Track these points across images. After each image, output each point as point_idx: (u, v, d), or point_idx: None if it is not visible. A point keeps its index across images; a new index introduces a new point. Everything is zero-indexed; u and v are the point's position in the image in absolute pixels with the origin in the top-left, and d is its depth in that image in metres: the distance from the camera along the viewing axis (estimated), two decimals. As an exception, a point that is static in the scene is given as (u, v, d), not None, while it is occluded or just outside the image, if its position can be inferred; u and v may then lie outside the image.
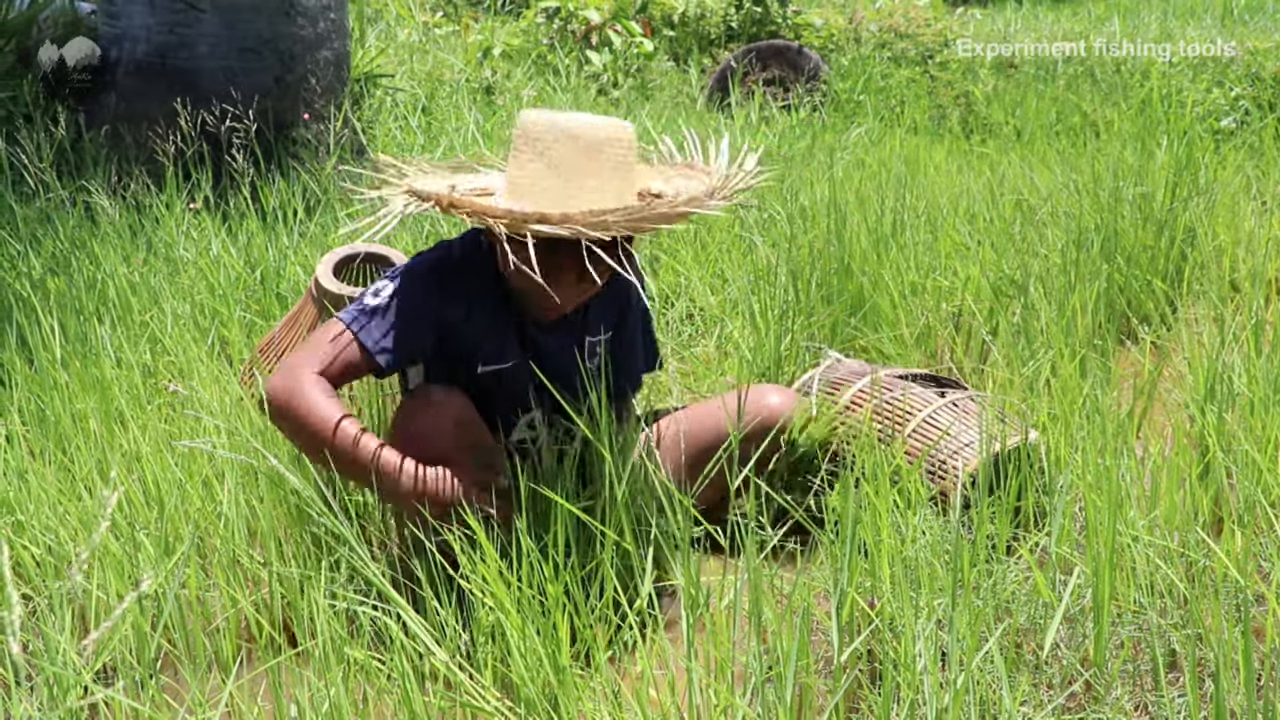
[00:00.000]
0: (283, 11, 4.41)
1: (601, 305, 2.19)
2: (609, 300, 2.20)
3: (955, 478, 2.19)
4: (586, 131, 1.93)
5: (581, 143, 1.92)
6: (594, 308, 2.18)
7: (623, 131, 1.96)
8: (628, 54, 6.98)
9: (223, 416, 2.27)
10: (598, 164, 1.93)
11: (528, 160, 1.95)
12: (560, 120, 1.95)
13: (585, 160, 1.92)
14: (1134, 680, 1.71)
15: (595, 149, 1.93)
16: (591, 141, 1.92)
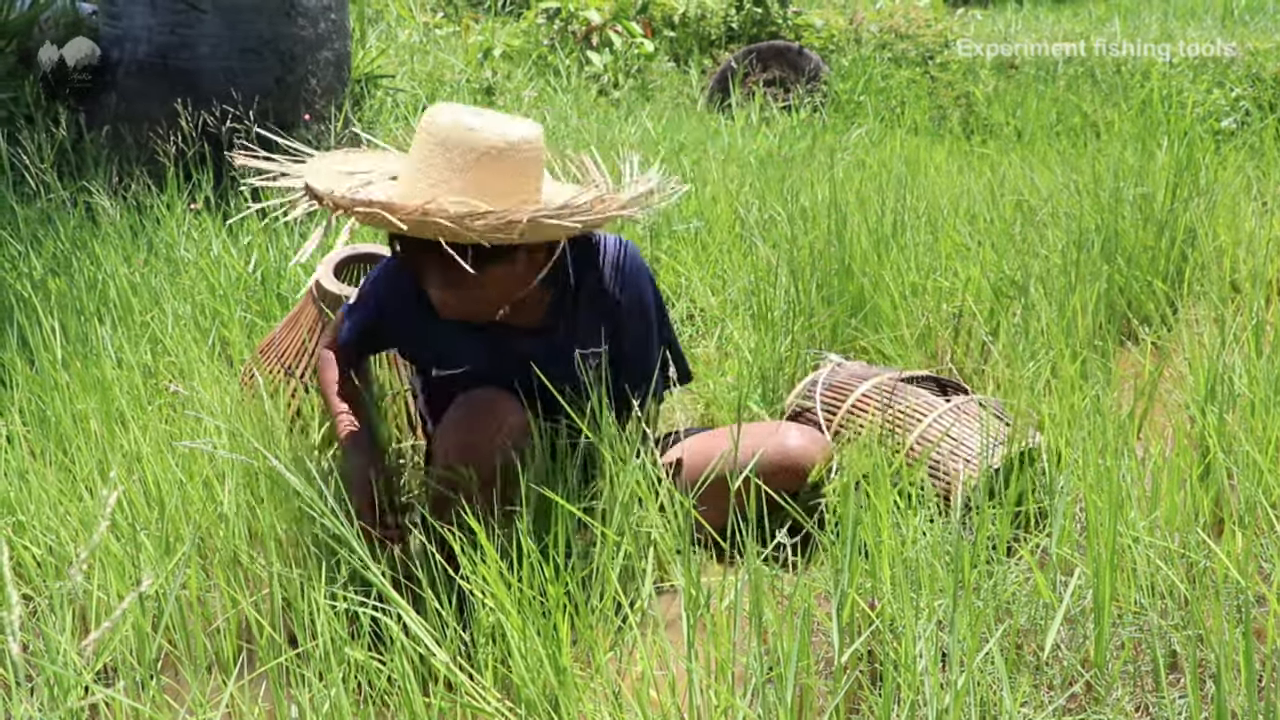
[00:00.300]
0: (283, 12, 4.41)
1: (594, 316, 2.14)
2: (603, 312, 2.15)
3: (957, 480, 2.19)
4: (483, 139, 1.87)
5: (475, 146, 1.87)
6: (584, 318, 2.13)
7: (515, 143, 1.89)
8: (628, 55, 6.98)
9: (223, 417, 2.27)
10: (486, 168, 1.88)
11: (417, 155, 1.93)
12: (465, 119, 1.90)
13: (473, 165, 1.88)
14: (1135, 681, 1.71)
15: (485, 157, 1.88)
16: (486, 146, 1.87)
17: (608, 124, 5.44)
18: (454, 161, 1.87)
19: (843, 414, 2.39)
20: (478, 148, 1.87)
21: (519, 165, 1.90)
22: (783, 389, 2.70)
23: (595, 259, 2.13)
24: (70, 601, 1.93)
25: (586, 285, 2.13)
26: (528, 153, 1.91)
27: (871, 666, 1.77)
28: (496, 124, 1.90)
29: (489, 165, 1.87)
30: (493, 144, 1.87)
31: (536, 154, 1.93)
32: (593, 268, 2.12)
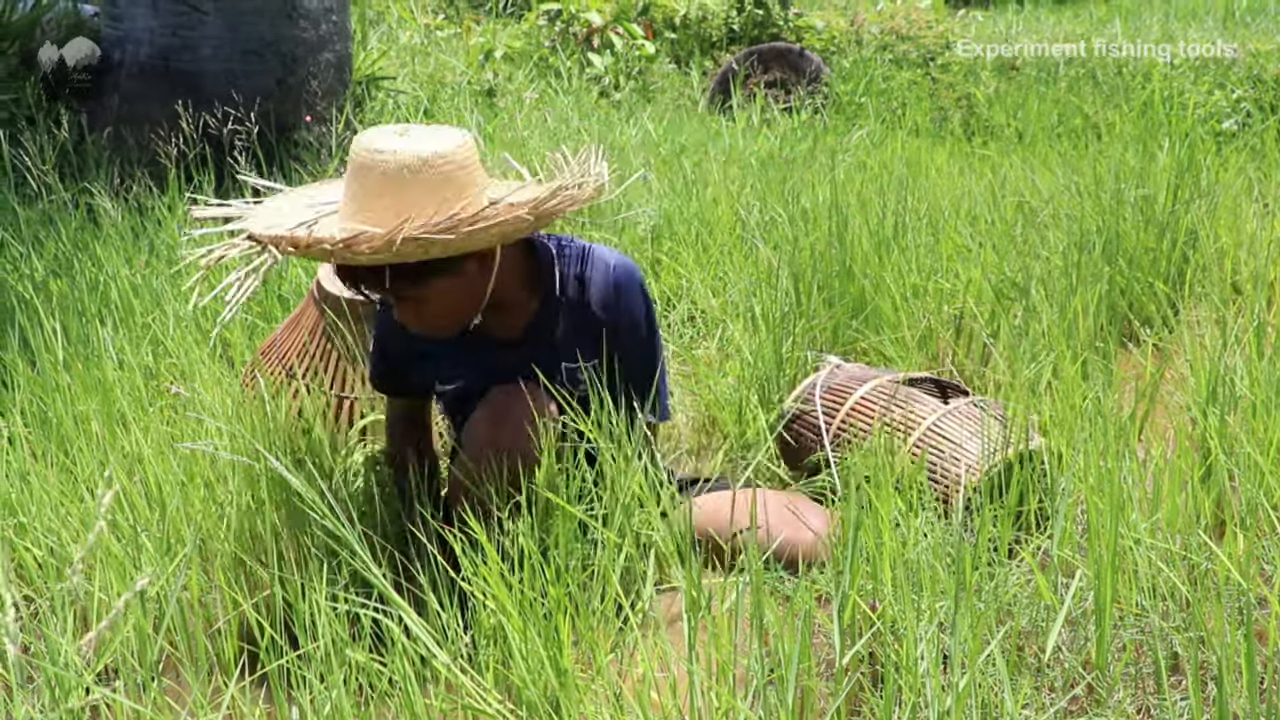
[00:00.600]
0: (285, 14, 4.41)
1: (577, 332, 2.11)
2: (588, 328, 2.11)
3: (957, 483, 2.19)
4: (396, 158, 1.87)
5: (390, 166, 1.87)
6: (566, 333, 2.11)
7: (429, 159, 1.88)
8: (629, 56, 6.98)
9: (224, 419, 2.27)
10: (400, 189, 1.87)
11: (346, 183, 1.95)
12: (378, 142, 1.90)
13: (390, 185, 1.87)
14: (1136, 683, 1.71)
15: (404, 170, 1.87)
16: (400, 164, 1.87)
17: (609, 126, 5.44)
18: (369, 186, 1.88)
19: (841, 417, 2.39)
20: (388, 170, 1.87)
21: (434, 181, 1.88)
22: (783, 390, 2.70)
23: (586, 274, 2.11)
24: (71, 603, 1.93)
25: (570, 299, 2.11)
26: (443, 167, 1.89)
27: (873, 668, 1.77)
28: (411, 143, 1.89)
29: (402, 185, 1.87)
30: (405, 164, 1.87)
31: (456, 165, 1.91)
32: (582, 283, 2.11)
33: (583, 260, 2.12)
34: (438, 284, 1.93)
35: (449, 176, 1.90)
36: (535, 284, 2.11)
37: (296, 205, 2.06)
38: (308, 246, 1.80)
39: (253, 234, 1.87)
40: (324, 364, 2.54)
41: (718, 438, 2.75)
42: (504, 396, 2.04)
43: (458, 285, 1.96)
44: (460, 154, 1.92)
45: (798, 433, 2.48)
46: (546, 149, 4.48)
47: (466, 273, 1.96)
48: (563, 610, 1.65)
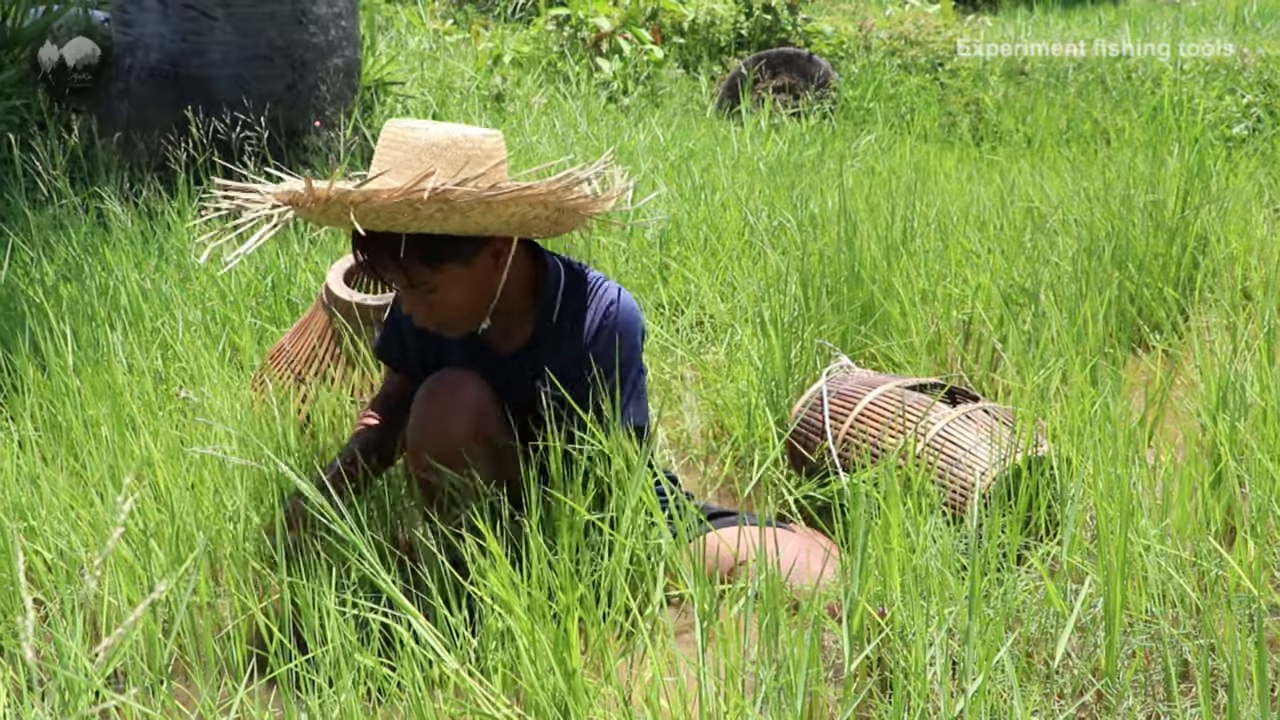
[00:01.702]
0: (295, 19, 4.43)
1: (564, 353, 2.08)
2: (574, 351, 2.08)
3: (966, 489, 2.18)
4: (427, 135, 1.90)
5: (419, 142, 1.90)
6: (552, 352, 2.08)
7: (458, 139, 1.90)
8: (638, 61, 6.99)
9: (234, 423, 2.27)
10: (426, 162, 1.89)
11: (374, 161, 1.96)
12: (409, 123, 1.93)
13: (418, 156, 1.90)
14: (1146, 691, 1.70)
15: (433, 147, 1.90)
16: (430, 141, 1.90)
17: (617, 131, 5.44)
18: (396, 159, 1.90)
19: (850, 422, 2.39)
20: (417, 144, 1.89)
21: (459, 160, 1.90)
22: (792, 395, 2.70)
23: (587, 308, 2.08)
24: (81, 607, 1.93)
25: (563, 328, 2.08)
26: (470, 150, 1.91)
27: (882, 674, 1.77)
28: (442, 126, 1.92)
29: (430, 161, 1.88)
30: (433, 140, 1.89)
31: (483, 152, 1.92)
32: (580, 316, 2.08)
33: (589, 294, 2.09)
34: (450, 270, 1.93)
35: (474, 159, 1.91)
36: (536, 303, 2.10)
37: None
38: (327, 200, 1.78)
39: (273, 191, 1.86)
40: (333, 368, 2.54)
41: (726, 443, 2.75)
42: (442, 384, 2.04)
43: (468, 278, 1.96)
44: (488, 143, 1.94)
45: (806, 437, 2.48)
46: (555, 154, 4.49)
47: (478, 266, 1.96)
48: (571, 614, 1.65)
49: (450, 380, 2.05)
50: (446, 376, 2.05)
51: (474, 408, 2.02)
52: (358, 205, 1.77)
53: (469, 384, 2.04)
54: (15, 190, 3.95)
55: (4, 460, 2.23)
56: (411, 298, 1.99)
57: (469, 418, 2.01)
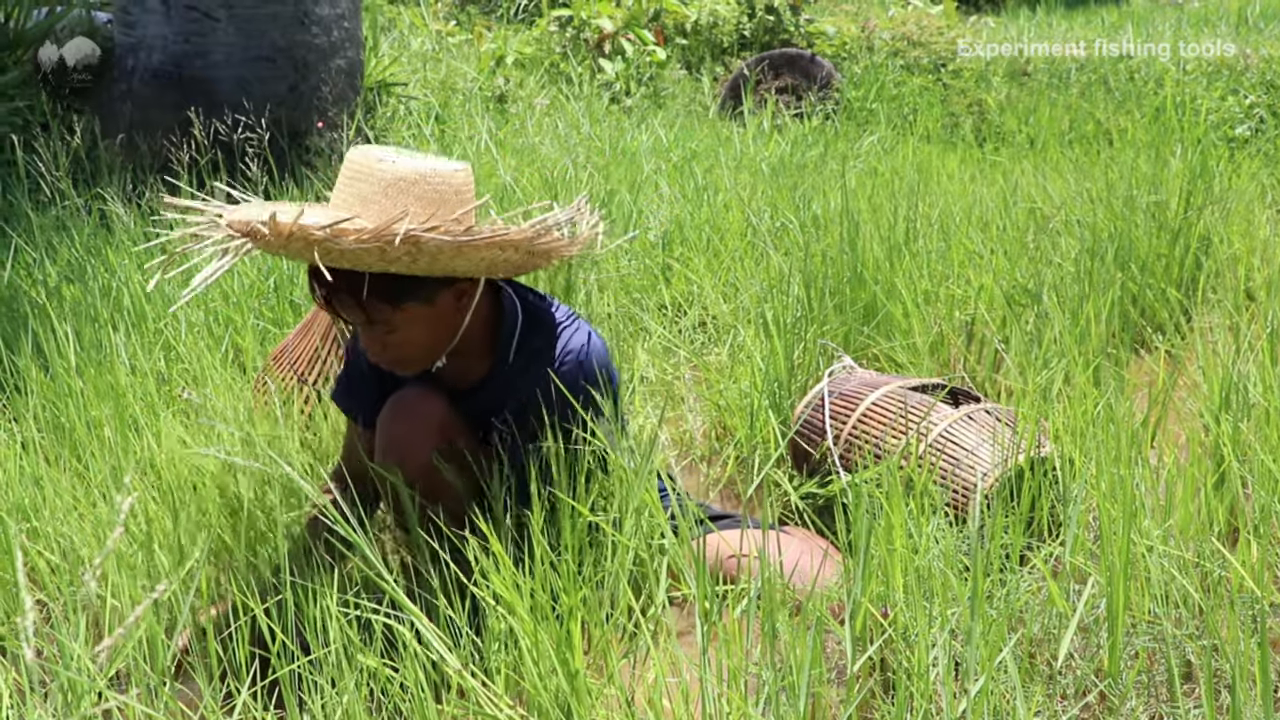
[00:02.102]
0: (297, 21, 4.43)
1: (507, 386, 2.04)
2: (519, 383, 2.03)
3: (969, 490, 2.18)
4: (394, 169, 1.83)
5: (386, 176, 1.83)
6: (495, 385, 2.05)
7: (426, 174, 1.84)
8: (640, 62, 6.99)
9: (237, 424, 2.27)
10: (392, 198, 1.82)
11: (336, 191, 1.89)
12: (375, 154, 1.86)
13: (384, 191, 1.83)
14: (1149, 691, 1.70)
15: (400, 181, 1.83)
16: (397, 175, 1.83)
17: (620, 132, 5.45)
18: (361, 192, 1.83)
19: (853, 423, 2.39)
20: (384, 179, 1.82)
21: (428, 197, 1.83)
22: (794, 396, 2.70)
23: (547, 338, 2.02)
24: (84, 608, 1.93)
25: (517, 367, 2.03)
26: (438, 185, 1.84)
27: (884, 675, 1.77)
28: (409, 158, 1.85)
29: (395, 196, 1.82)
30: (401, 174, 1.82)
31: (451, 188, 1.86)
32: (538, 356, 2.02)
33: (552, 335, 2.03)
34: (411, 309, 1.88)
35: (443, 197, 1.85)
36: (494, 342, 2.05)
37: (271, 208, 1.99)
38: (290, 234, 1.71)
39: (231, 220, 1.80)
40: (336, 369, 2.55)
41: (728, 443, 2.75)
42: (405, 400, 2.01)
43: (429, 317, 1.92)
44: (458, 178, 1.88)
45: (809, 438, 2.48)
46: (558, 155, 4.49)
47: (440, 305, 1.92)
48: (574, 615, 1.65)
49: (413, 395, 2.02)
50: (409, 393, 2.03)
51: (439, 420, 2.00)
52: (321, 243, 1.71)
53: (432, 398, 2.01)
54: (18, 191, 3.95)
55: (7, 461, 2.23)
56: (369, 334, 1.94)
57: (435, 429, 1.99)
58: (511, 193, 3.95)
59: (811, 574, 1.97)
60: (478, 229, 1.82)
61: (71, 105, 4.54)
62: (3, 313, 3.01)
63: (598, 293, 3.24)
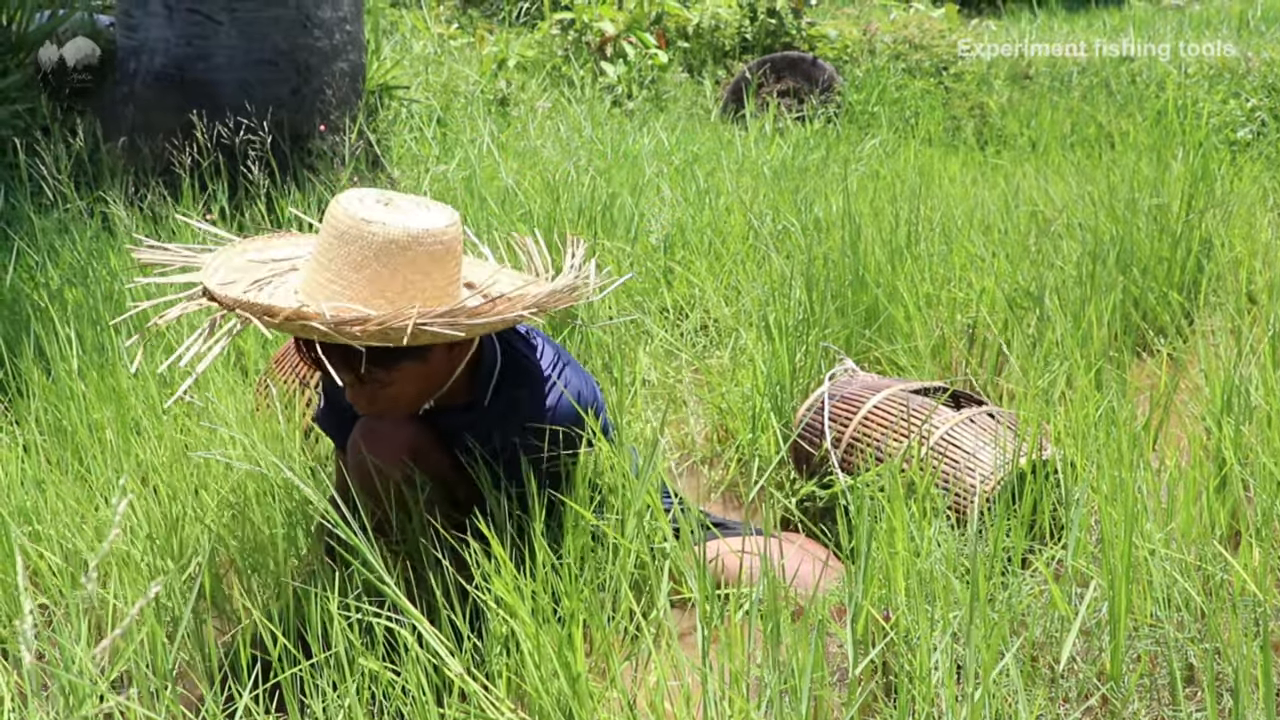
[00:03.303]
0: (299, 24, 4.43)
1: (482, 423, 2.02)
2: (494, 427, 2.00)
3: (970, 493, 2.18)
4: (385, 231, 1.79)
5: (376, 240, 1.78)
6: (475, 415, 2.02)
7: (418, 236, 1.81)
8: (642, 65, 6.99)
9: (238, 428, 2.27)
10: (384, 264, 1.79)
11: (319, 248, 1.84)
12: (364, 211, 1.81)
13: (376, 256, 1.79)
14: (1152, 695, 1.70)
15: (392, 245, 1.79)
16: (388, 239, 1.78)
17: (622, 135, 5.45)
18: (352, 257, 1.79)
19: (855, 426, 2.39)
20: (375, 243, 1.78)
21: (422, 260, 1.81)
22: (796, 399, 2.70)
23: (522, 400, 1.99)
24: (86, 610, 1.93)
25: (493, 414, 2.00)
26: (431, 246, 1.81)
27: (886, 679, 1.77)
28: (399, 216, 1.81)
29: (388, 261, 1.79)
30: (393, 238, 1.78)
31: (444, 245, 1.84)
32: (518, 397, 1.99)
33: (528, 387, 2.00)
34: (406, 369, 1.87)
35: (435, 257, 1.82)
36: (473, 381, 2.03)
37: (246, 260, 1.95)
38: (288, 319, 1.68)
39: (218, 295, 1.76)
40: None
41: (730, 446, 2.75)
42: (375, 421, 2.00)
43: (422, 371, 1.91)
44: (449, 233, 1.85)
45: (810, 440, 2.48)
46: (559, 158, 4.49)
47: (433, 360, 1.91)
48: (576, 618, 1.65)
49: (383, 419, 2.01)
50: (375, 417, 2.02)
51: (407, 442, 1.99)
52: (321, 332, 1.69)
53: (401, 422, 2.00)
54: (20, 194, 3.96)
55: (9, 464, 2.23)
56: (355, 391, 1.92)
57: (403, 451, 1.98)
58: (513, 195, 3.95)
59: (812, 579, 1.98)
60: (495, 306, 1.79)
61: (73, 107, 4.55)
62: (5, 315, 3.02)
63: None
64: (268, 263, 1.94)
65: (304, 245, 2.04)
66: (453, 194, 4.15)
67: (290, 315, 1.68)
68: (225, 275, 1.85)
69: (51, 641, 1.85)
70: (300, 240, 2.08)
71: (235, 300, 1.74)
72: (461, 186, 4.22)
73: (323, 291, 1.79)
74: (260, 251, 1.98)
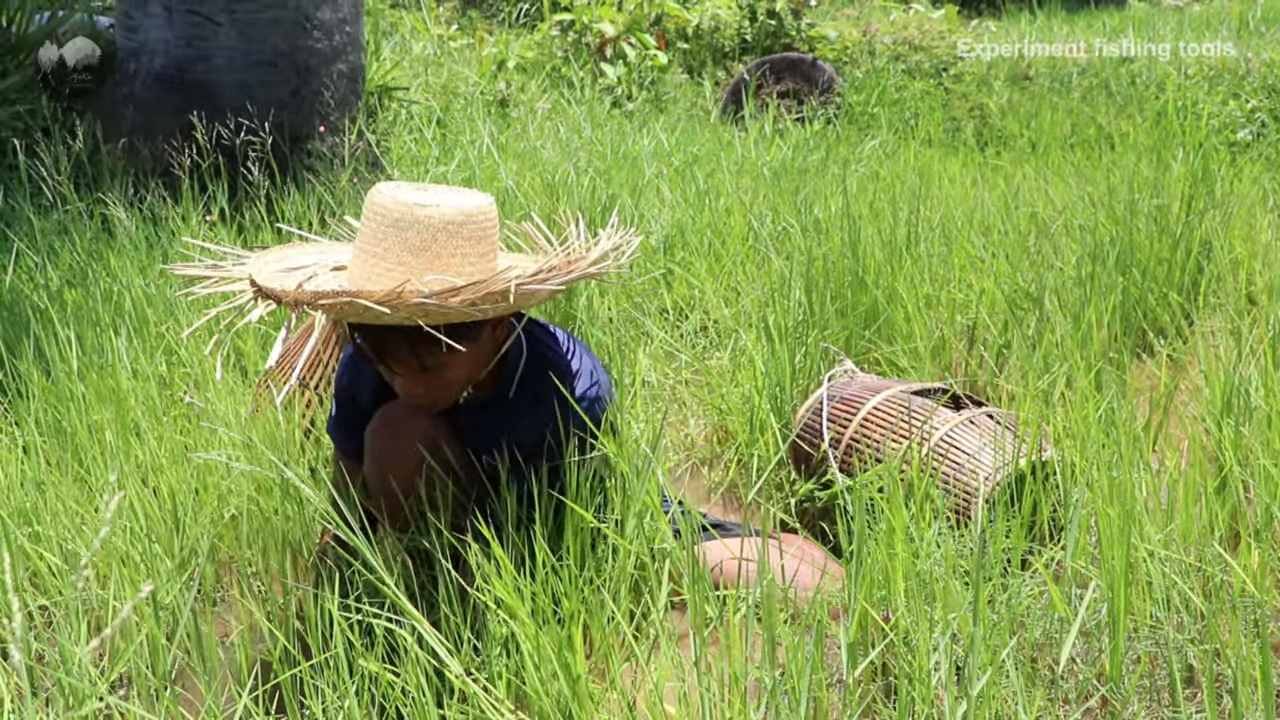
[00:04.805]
0: (299, 25, 4.43)
1: (505, 415, 2.03)
2: (518, 419, 2.02)
3: (970, 494, 2.18)
4: (440, 213, 1.81)
5: (433, 221, 1.81)
6: (494, 410, 2.03)
7: (471, 214, 1.84)
8: (642, 67, 6.99)
9: (238, 428, 2.27)
10: (444, 244, 1.81)
11: (368, 238, 1.85)
12: (413, 197, 1.83)
13: (434, 237, 1.81)
14: (1151, 696, 1.70)
15: (449, 225, 1.82)
16: (444, 220, 1.81)
17: (621, 136, 5.45)
18: (410, 241, 1.81)
19: (854, 427, 2.39)
20: (433, 224, 1.81)
21: (475, 237, 1.84)
22: (796, 400, 2.70)
23: (549, 382, 1.99)
24: (85, 610, 1.94)
25: (524, 398, 2.01)
26: (483, 223, 1.85)
27: (886, 680, 1.77)
28: (447, 198, 1.85)
29: (446, 241, 1.81)
30: (449, 219, 1.81)
31: (491, 223, 1.87)
32: (542, 390, 1.99)
33: (555, 378, 2.00)
34: (463, 353, 1.88)
35: (485, 234, 1.86)
36: (499, 370, 2.04)
37: (274, 270, 1.94)
38: (385, 300, 1.68)
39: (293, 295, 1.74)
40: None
41: (730, 447, 2.75)
42: (394, 413, 2.01)
43: (473, 355, 1.91)
44: (492, 212, 1.89)
45: (810, 441, 2.48)
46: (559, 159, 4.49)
47: (483, 342, 1.92)
48: (576, 619, 1.64)
49: (400, 411, 2.01)
50: (395, 408, 2.03)
51: (425, 433, 1.99)
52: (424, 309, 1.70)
53: (418, 413, 2.01)
54: (20, 195, 3.96)
55: (9, 465, 2.23)
56: (414, 379, 1.92)
57: (422, 441, 1.98)
58: (513, 196, 3.95)
59: (810, 582, 1.98)
60: (571, 265, 1.82)
61: (72, 108, 4.55)
62: (5, 317, 3.02)
63: (599, 297, 3.24)
64: (291, 271, 1.94)
65: (312, 253, 2.05)
66: (452, 195, 4.14)
67: (390, 295, 1.68)
68: (270, 282, 1.85)
69: (51, 642, 1.85)
70: (307, 249, 2.09)
71: (321, 293, 1.74)
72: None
73: (385, 279, 1.80)
74: (278, 262, 1.98)
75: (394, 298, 1.68)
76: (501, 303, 1.75)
